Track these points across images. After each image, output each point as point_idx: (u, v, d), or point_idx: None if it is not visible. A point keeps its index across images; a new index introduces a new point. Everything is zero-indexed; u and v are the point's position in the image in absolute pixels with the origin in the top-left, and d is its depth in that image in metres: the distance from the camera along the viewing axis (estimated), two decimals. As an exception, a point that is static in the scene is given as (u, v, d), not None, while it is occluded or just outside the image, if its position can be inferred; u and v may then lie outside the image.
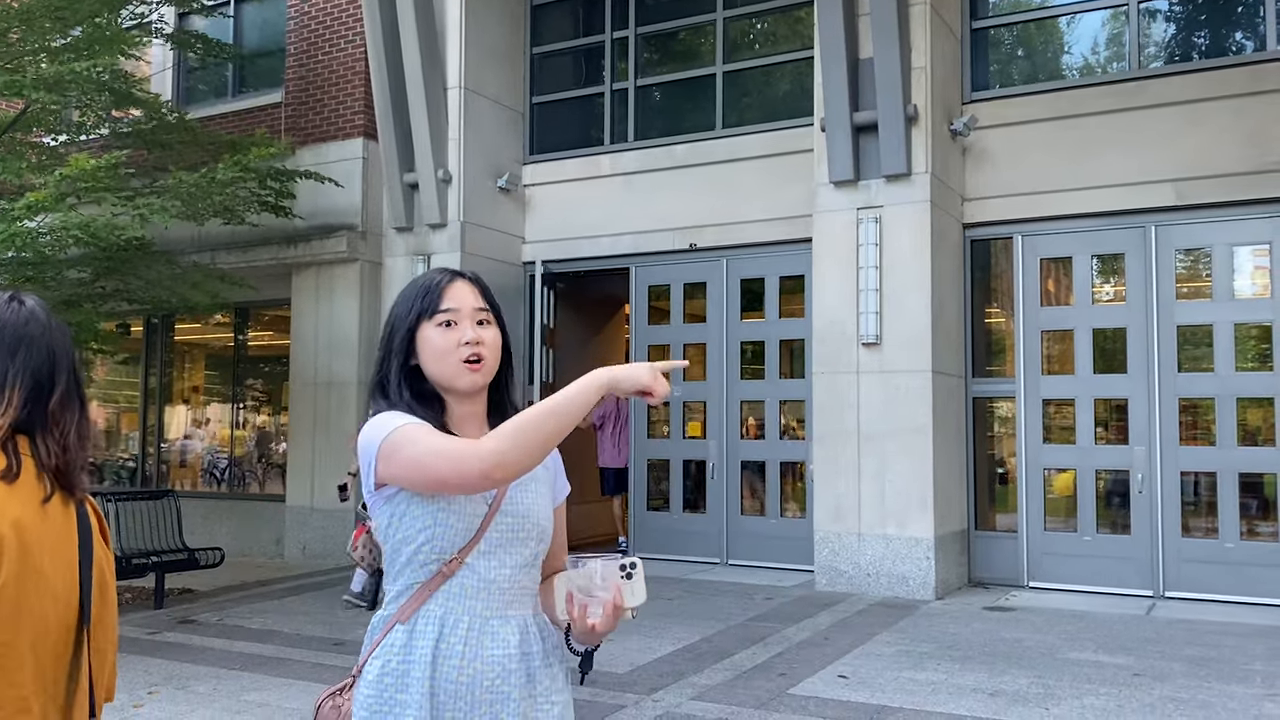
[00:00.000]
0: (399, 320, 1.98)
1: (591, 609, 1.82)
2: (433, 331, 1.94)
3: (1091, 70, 9.36)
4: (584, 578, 1.83)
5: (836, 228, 8.85)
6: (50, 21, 9.05)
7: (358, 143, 11.12)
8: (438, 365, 1.93)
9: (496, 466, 1.74)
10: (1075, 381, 8.98)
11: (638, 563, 1.86)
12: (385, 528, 1.91)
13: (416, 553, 1.88)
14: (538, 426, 1.74)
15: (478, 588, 1.89)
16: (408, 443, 1.81)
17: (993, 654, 6.54)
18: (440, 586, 1.88)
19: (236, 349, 12.86)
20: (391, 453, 1.82)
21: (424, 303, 1.95)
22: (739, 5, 10.69)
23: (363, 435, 1.90)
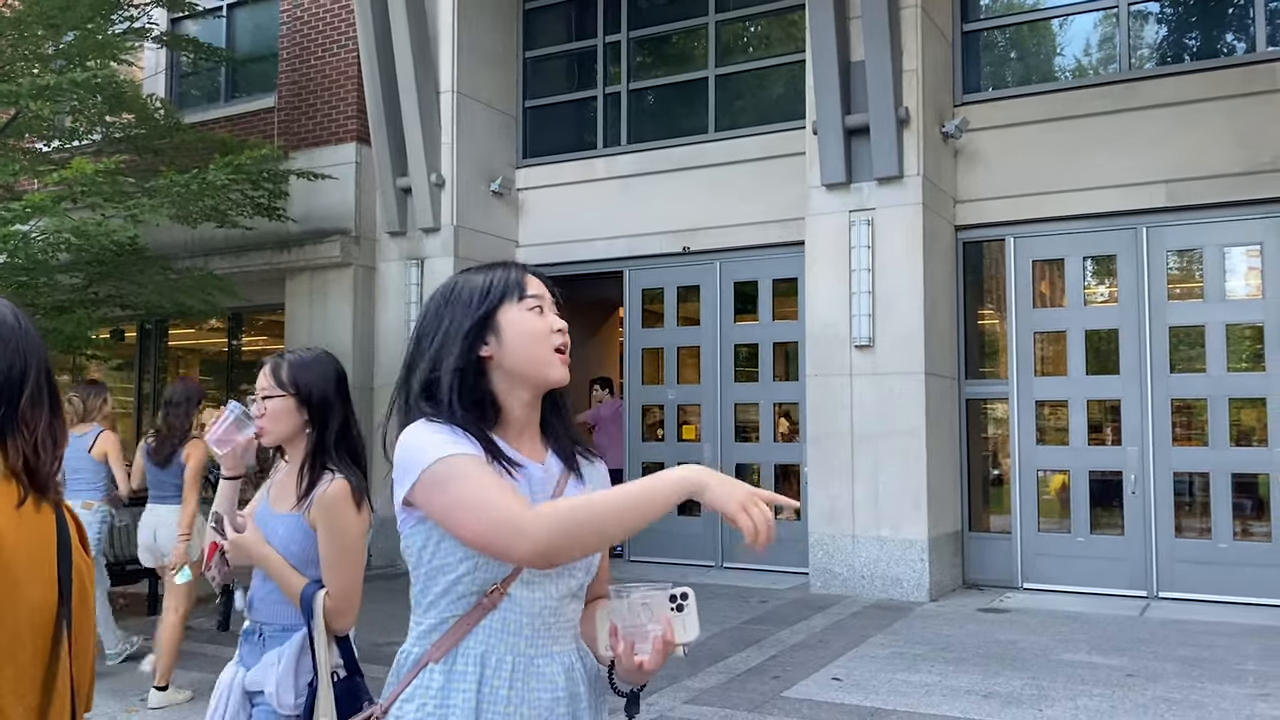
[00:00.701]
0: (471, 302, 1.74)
1: (640, 646, 1.64)
2: (525, 314, 1.74)
3: (1083, 72, 9.39)
4: (629, 610, 1.65)
5: (829, 230, 8.87)
6: (43, 28, 9.04)
7: (351, 147, 11.11)
8: (528, 350, 1.73)
9: (543, 555, 1.55)
10: (1068, 383, 9.00)
11: (689, 593, 1.69)
12: (418, 551, 1.71)
13: (455, 583, 1.68)
14: (598, 524, 1.55)
15: (521, 622, 1.70)
16: (456, 480, 1.60)
17: (986, 655, 6.55)
18: (480, 621, 1.68)
19: (230, 354, 12.85)
20: (433, 486, 1.62)
21: (509, 281, 1.76)
22: (731, 8, 10.71)
23: (405, 443, 1.68)
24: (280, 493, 2.73)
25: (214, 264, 11.17)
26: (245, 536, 2.64)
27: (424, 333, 1.77)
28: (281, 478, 2.76)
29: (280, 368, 2.73)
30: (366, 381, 10.75)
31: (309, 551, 2.60)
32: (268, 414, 2.69)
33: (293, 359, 2.76)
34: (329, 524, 2.58)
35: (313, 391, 2.72)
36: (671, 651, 1.65)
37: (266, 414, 2.68)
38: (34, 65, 9.51)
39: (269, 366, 2.75)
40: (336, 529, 2.58)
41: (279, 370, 2.73)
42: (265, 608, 2.65)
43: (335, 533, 2.58)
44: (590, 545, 1.57)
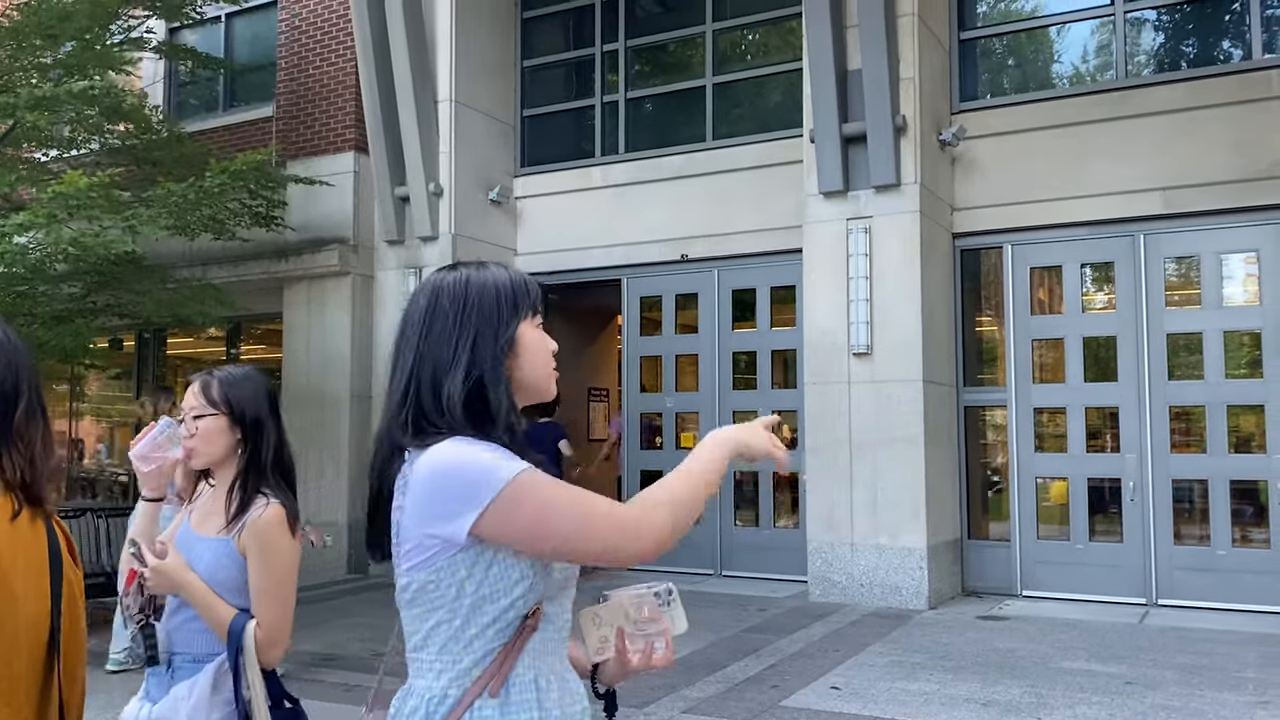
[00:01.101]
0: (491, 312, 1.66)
1: (656, 644, 1.67)
2: (536, 332, 1.71)
3: (1080, 80, 9.40)
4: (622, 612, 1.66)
5: (826, 238, 8.87)
6: (41, 39, 9.06)
7: (349, 156, 11.13)
8: (538, 369, 1.71)
9: (662, 546, 1.55)
10: (1066, 390, 9.00)
11: (674, 588, 1.71)
12: (459, 584, 1.56)
13: (506, 610, 1.57)
14: (695, 498, 1.60)
15: (555, 639, 1.65)
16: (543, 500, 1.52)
17: (986, 664, 6.54)
18: (526, 645, 1.59)
19: (229, 363, 12.82)
20: (515, 508, 1.51)
21: (530, 298, 1.71)
22: (728, 17, 10.74)
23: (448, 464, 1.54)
24: (205, 516, 2.58)
25: (212, 273, 11.18)
26: (167, 563, 2.43)
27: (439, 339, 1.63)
28: (205, 501, 2.62)
29: (210, 385, 2.60)
30: (364, 390, 10.75)
31: (236, 578, 2.46)
32: (199, 434, 2.55)
33: (224, 376, 2.63)
34: (263, 551, 2.45)
35: (246, 410, 2.59)
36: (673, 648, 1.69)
37: (198, 434, 2.55)
38: (32, 75, 9.53)
39: (198, 384, 2.62)
40: (271, 556, 2.45)
41: (209, 388, 2.60)
42: (177, 637, 2.48)
43: (270, 560, 2.45)
44: (686, 527, 1.59)
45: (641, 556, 1.55)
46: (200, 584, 2.42)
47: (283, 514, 2.50)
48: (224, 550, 2.46)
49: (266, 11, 12.14)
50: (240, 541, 2.46)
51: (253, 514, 2.48)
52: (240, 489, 2.52)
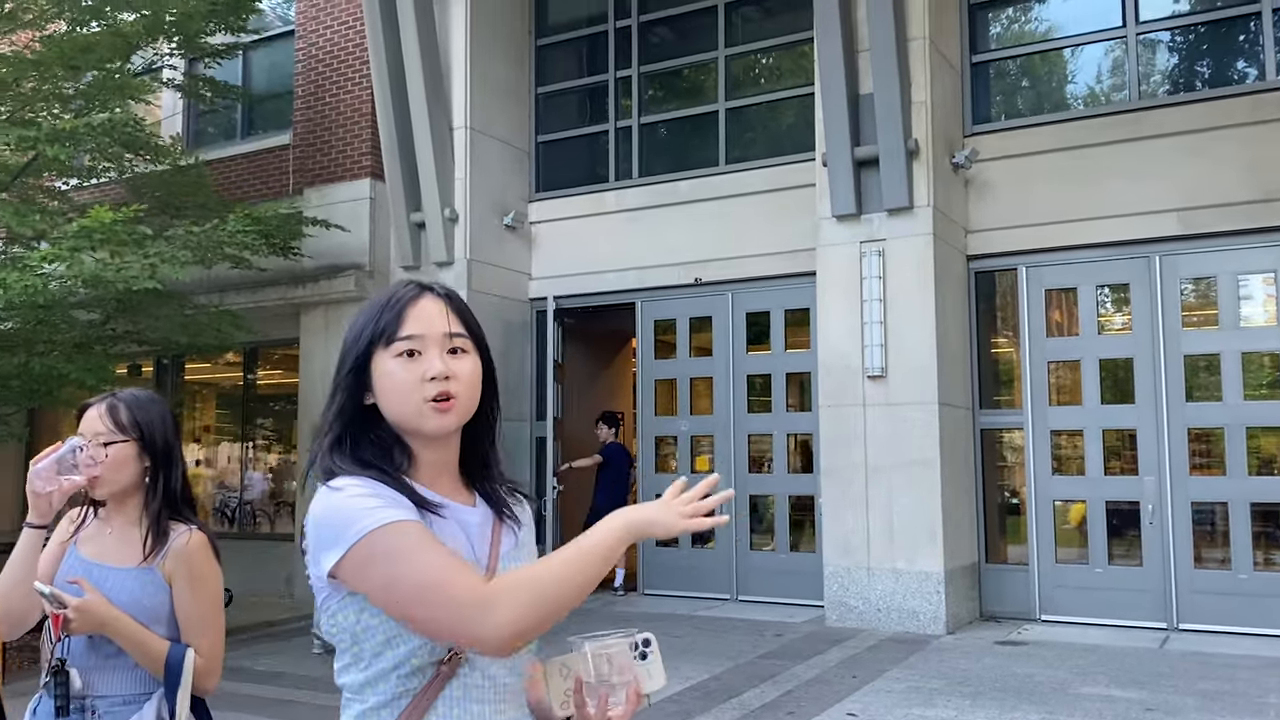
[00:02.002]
0: (349, 346, 1.57)
1: (613, 699, 1.52)
2: (390, 362, 1.53)
3: (1093, 101, 9.40)
4: (591, 663, 1.51)
5: (840, 261, 8.88)
6: (62, 69, 9.19)
7: (365, 183, 11.22)
8: (398, 406, 1.53)
9: (512, 639, 1.42)
10: (1083, 412, 8.94)
11: (652, 639, 1.58)
12: (351, 629, 1.50)
13: (408, 656, 1.49)
14: (565, 590, 1.43)
15: (484, 686, 1.54)
16: (393, 559, 1.42)
17: (1004, 689, 6.48)
18: (441, 692, 1.50)
19: (246, 388, 12.92)
20: (368, 564, 1.43)
21: (378, 326, 1.55)
22: (741, 42, 10.80)
23: (325, 512, 1.48)
24: (105, 546, 2.44)
25: (229, 299, 11.27)
26: (90, 600, 2.29)
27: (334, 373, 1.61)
28: (94, 531, 2.48)
29: (118, 409, 2.44)
30: (380, 415, 10.76)
31: (160, 608, 2.37)
32: (110, 460, 2.39)
33: (130, 399, 2.48)
34: (194, 578, 2.39)
35: (156, 436, 2.47)
36: (640, 704, 1.54)
37: (108, 461, 2.39)
38: (54, 105, 9.66)
39: (104, 407, 2.45)
40: (203, 582, 2.41)
41: (117, 412, 2.44)
42: (99, 679, 2.34)
43: (202, 587, 2.40)
44: (554, 618, 1.43)
45: (488, 643, 1.42)
46: (128, 619, 2.32)
47: (206, 540, 2.45)
48: (148, 579, 2.38)
49: (284, 41, 12.29)
50: (165, 570, 2.39)
51: (176, 541, 2.41)
52: (153, 517, 2.42)
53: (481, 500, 1.65)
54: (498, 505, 1.66)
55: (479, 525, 1.61)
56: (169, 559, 2.39)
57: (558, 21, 11.82)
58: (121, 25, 9.52)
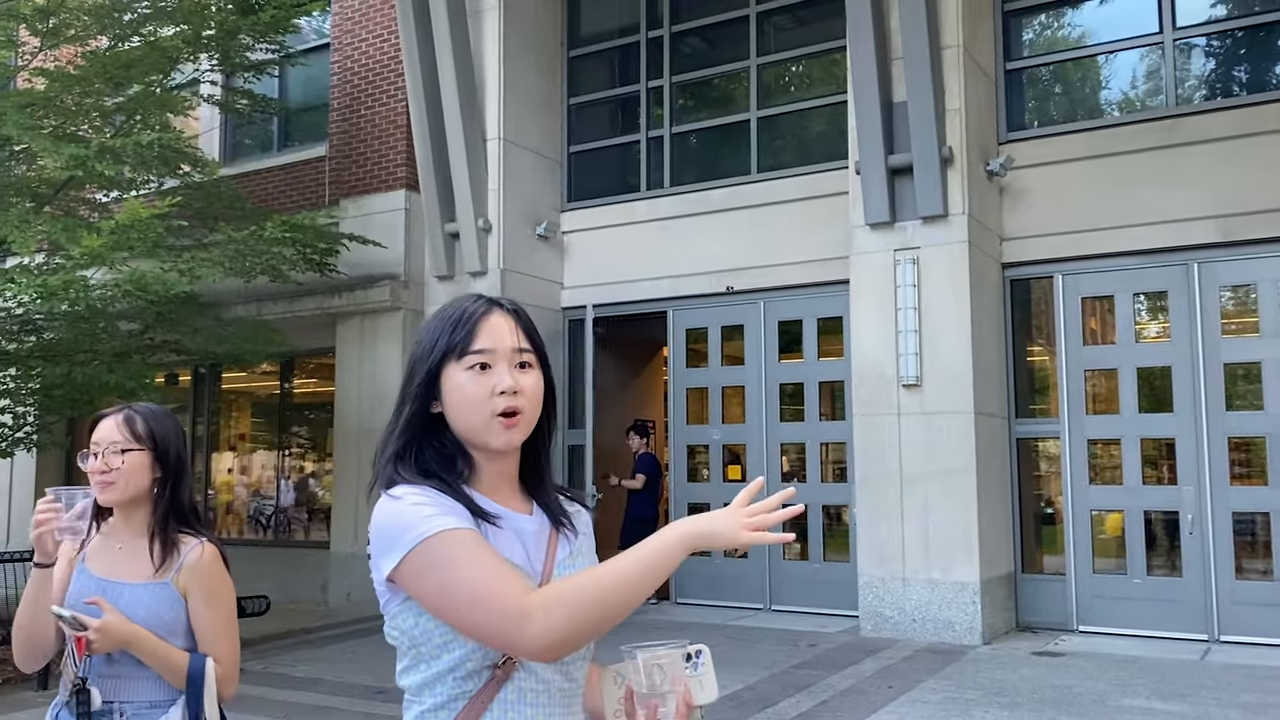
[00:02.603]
0: (420, 358, 1.61)
1: (663, 710, 1.51)
2: (462, 375, 1.57)
3: (1129, 107, 9.33)
4: (642, 672, 1.51)
5: (874, 269, 8.86)
6: (104, 84, 9.35)
7: (400, 194, 11.33)
8: (466, 418, 1.58)
9: (550, 649, 1.44)
10: (1121, 421, 8.86)
11: (705, 650, 1.58)
12: (409, 631, 1.55)
13: (463, 660, 1.52)
14: (615, 600, 1.44)
15: (538, 690, 1.56)
16: (445, 565, 1.46)
17: (1042, 700, 6.42)
18: (496, 695, 1.53)
19: (282, 397, 13.06)
20: (423, 570, 1.47)
21: (451, 339, 1.59)
22: (772, 51, 10.82)
23: (384, 519, 1.52)
24: (114, 561, 2.48)
25: (266, 309, 11.42)
26: (110, 621, 2.34)
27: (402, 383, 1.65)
28: (98, 545, 2.52)
29: (135, 419, 2.50)
30: (415, 424, 10.85)
31: (177, 621, 2.43)
32: (125, 468, 2.45)
33: (146, 412, 2.54)
34: (210, 590, 2.46)
35: (169, 447, 2.53)
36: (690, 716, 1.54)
37: (123, 468, 2.45)
38: (96, 119, 9.84)
39: (120, 417, 2.50)
40: (218, 594, 2.48)
41: (134, 422, 2.50)
42: (121, 686, 2.39)
43: (218, 598, 2.48)
44: (599, 629, 1.44)
45: (531, 653, 1.45)
46: (148, 634, 2.37)
47: (217, 551, 2.51)
48: (164, 594, 2.43)
49: (319, 54, 12.45)
50: (180, 583, 2.44)
51: (189, 554, 2.47)
52: (162, 529, 2.48)
53: (538, 509, 1.68)
54: (554, 514, 1.69)
55: (535, 533, 1.64)
56: (183, 573, 2.45)
57: (590, 32, 11.89)
58: (162, 41, 9.68)
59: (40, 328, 9.37)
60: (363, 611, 10.71)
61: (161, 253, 8.56)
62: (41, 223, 8.26)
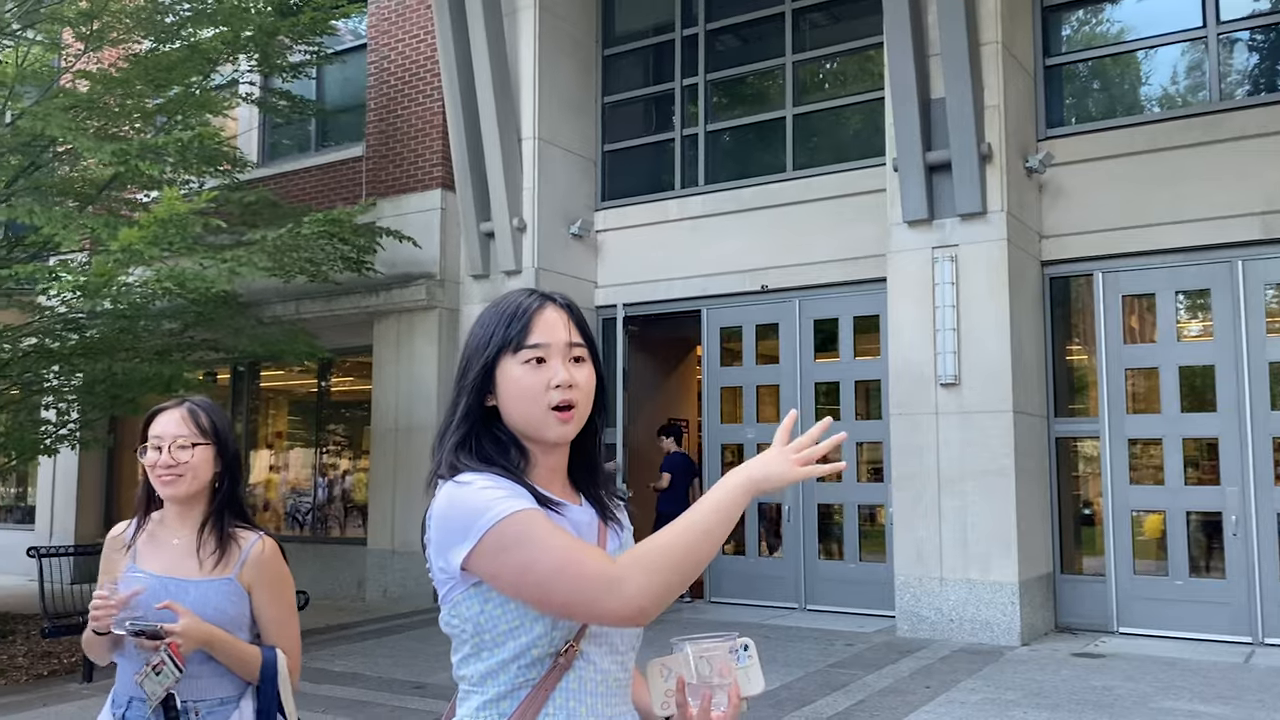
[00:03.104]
0: (475, 351, 1.63)
1: (716, 699, 1.53)
2: (517, 369, 1.59)
3: (1171, 103, 9.21)
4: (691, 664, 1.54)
5: (911, 267, 8.80)
6: (146, 86, 9.48)
7: (436, 194, 11.40)
8: (522, 411, 1.59)
9: (643, 612, 1.45)
10: (1162, 420, 8.75)
11: (750, 643, 1.61)
12: (474, 619, 1.55)
13: (528, 647, 1.53)
14: (690, 556, 1.46)
15: (596, 680, 1.57)
16: (524, 542, 1.47)
17: (1082, 702, 6.36)
18: (558, 684, 1.54)
19: (319, 395, 13.17)
20: (502, 550, 1.47)
21: (508, 332, 1.60)
22: (808, 48, 10.77)
23: (453, 504, 1.53)
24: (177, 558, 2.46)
25: (305, 308, 11.52)
26: (189, 625, 2.34)
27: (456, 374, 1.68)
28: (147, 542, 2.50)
29: (198, 413, 2.50)
30: (450, 423, 10.92)
31: (242, 616, 2.45)
32: (193, 462, 2.45)
33: (205, 405, 2.54)
34: (273, 583, 2.49)
35: (228, 441, 2.54)
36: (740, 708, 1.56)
37: (191, 462, 2.44)
38: (138, 120, 9.98)
39: (183, 411, 2.49)
40: (281, 588, 2.51)
41: (198, 416, 2.49)
42: (192, 685, 2.38)
43: (281, 592, 2.51)
44: (679, 587, 1.46)
45: (620, 618, 1.45)
46: (221, 631, 2.39)
47: (276, 545, 2.54)
48: (229, 590, 2.44)
49: (356, 55, 12.54)
50: (244, 579, 2.46)
51: (251, 550, 2.48)
52: (219, 523, 2.49)
53: (586, 503, 1.70)
54: (603, 507, 1.71)
55: (588, 525, 1.66)
56: (247, 568, 2.46)
57: (624, 31, 11.91)
58: (202, 43, 9.80)
59: (82, 325, 9.51)
60: (399, 608, 10.79)
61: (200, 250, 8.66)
62: (85, 220, 8.39)
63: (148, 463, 2.45)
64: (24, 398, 10.38)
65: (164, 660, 2.30)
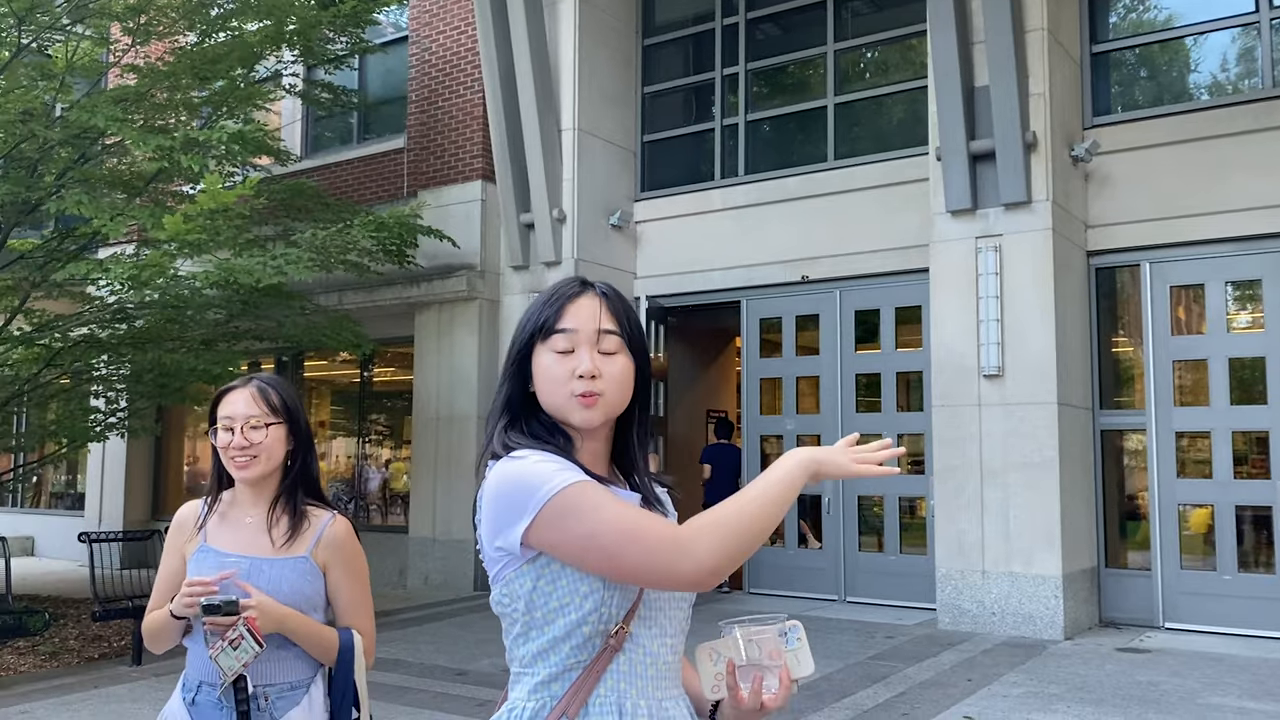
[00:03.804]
0: (516, 337, 1.67)
1: (767, 682, 1.55)
2: (547, 356, 1.61)
3: (1221, 90, 9.04)
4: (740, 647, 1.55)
5: (954, 258, 8.72)
6: (191, 79, 9.60)
7: (476, 185, 11.45)
8: (549, 396, 1.61)
9: (712, 574, 1.47)
10: (1210, 413, 8.60)
11: (798, 625, 1.60)
12: (526, 596, 1.56)
13: (578, 625, 1.54)
14: (755, 526, 1.48)
15: (645, 663, 1.58)
16: (587, 510, 1.48)
17: (1127, 697, 6.28)
18: (609, 665, 1.55)
19: (362, 385, 13.30)
20: (561, 517, 1.49)
21: (539, 320, 1.63)
22: (850, 37, 10.69)
23: (509, 478, 1.54)
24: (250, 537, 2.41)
25: (347, 299, 11.64)
26: (264, 600, 2.28)
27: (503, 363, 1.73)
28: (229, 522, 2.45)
29: (269, 391, 2.43)
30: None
31: (317, 595, 2.39)
32: (267, 442, 2.39)
33: (274, 382, 2.48)
34: (350, 562, 2.43)
35: (299, 417, 2.47)
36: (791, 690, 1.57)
37: (265, 442, 2.39)
38: (182, 113, 10.11)
39: (253, 390, 2.42)
40: (358, 566, 2.45)
41: (269, 394, 2.43)
42: (262, 669, 2.30)
43: (357, 570, 2.45)
44: (746, 552, 1.49)
45: (690, 580, 1.47)
46: (296, 613, 2.32)
47: (349, 523, 2.48)
48: (305, 569, 2.38)
49: (398, 47, 12.62)
50: (319, 557, 2.40)
51: (326, 528, 2.42)
52: (290, 502, 2.43)
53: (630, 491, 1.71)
54: (646, 494, 1.71)
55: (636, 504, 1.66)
56: (322, 547, 2.40)
57: (665, 20, 11.88)
58: (246, 35, 9.91)
59: (131, 316, 9.67)
60: (440, 595, 10.88)
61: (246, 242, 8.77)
62: (132, 211, 8.52)
63: (220, 445, 2.40)
64: (74, 386, 10.58)
65: (243, 635, 2.21)
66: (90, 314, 9.84)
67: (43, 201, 9.03)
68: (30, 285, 9.33)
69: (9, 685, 7.08)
